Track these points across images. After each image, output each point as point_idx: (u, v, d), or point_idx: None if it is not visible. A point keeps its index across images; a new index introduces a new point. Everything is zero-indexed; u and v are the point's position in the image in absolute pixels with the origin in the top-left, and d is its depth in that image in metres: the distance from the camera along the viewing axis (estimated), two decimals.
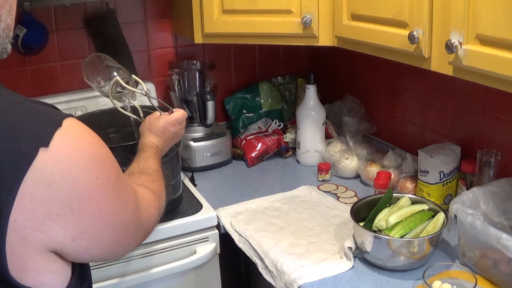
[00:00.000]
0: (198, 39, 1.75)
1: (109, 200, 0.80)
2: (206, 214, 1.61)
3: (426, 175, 1.58)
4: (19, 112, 0.74)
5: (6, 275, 0.72)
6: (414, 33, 1.24)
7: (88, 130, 0.79)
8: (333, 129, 2.06)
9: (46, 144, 0.71)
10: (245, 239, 1.52)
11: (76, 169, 0.74)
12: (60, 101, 1.86)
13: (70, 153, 0.74)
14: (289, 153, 2.11)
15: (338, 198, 1.76)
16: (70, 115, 0.78)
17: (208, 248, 1.59)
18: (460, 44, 1.12)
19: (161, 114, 1.39)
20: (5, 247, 0.70)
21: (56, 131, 0.73)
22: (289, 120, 2.22)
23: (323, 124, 2.00)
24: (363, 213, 1.45)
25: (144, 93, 1.42)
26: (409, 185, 1.69)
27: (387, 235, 1.34)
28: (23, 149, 0.70)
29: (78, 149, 0.75)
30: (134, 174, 1.17)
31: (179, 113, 1.41)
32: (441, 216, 1.38)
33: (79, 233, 0.76)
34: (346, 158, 1.89)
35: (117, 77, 1.43)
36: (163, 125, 1.36)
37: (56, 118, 0.75)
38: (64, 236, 0.74)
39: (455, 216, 1.30)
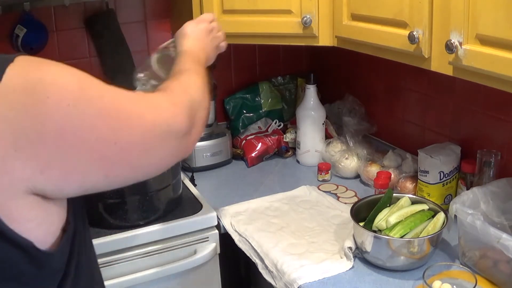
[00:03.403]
0: None
1: (70, 116, 0.69)
2: (206, 214, 1.61)
3: (426, 175, 1.58)
4: None
5: (4, 229, 0.68)
6: (414, 33, 1.24)
7: (43, 59, 0.73)
8: (333, 129, 2.06)
9: None
10: (245, 239, 1.52)
11: (24, 94, 0.67)
12: None
13: (21, 82, 0.67)
14: (289, 153, 2.11)
15: (338, 198, 1.76)
16: (25, 54, 0.72)
17: (208, 248, 1.59)
18: (460, 44, 1.12)
19: None
20: None
21: (7, 66, 0.68)
22: (289, 120, 2.22)
23: (323, 124, 2.00)
24: (363, 213, 1.45)
25: None
26: (409, 185, 1.69)
27: (387, 235, 1.34)
28: None
29: (30, 76, 0.68)
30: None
31: (202, 15, 1.34)
32: (441, 216, 1.38)
33: (45, 162, 0.69)
34: (346, 158, 1.89)
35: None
36: (185, 26, 1.29)
37: (6, 57, 0.70)
38: (30, 171, 0.68)
39: (455, 216, 1.30)
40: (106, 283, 1.45)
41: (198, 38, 1.26)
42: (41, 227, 0.72)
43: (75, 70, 0.73)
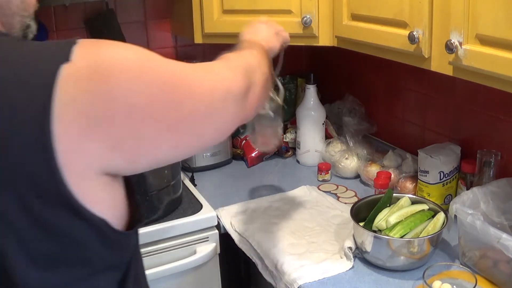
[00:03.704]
0: (198, 39, 1.75)
1: (133, 93, 0.71)
2: (206, 214, 1.61)
3: (426, 175, 1.58)
4: (29, 47, 0.75)
5: (79, 208, 0.69)
6: (414, 33, 1.24)
7: (102, 40, 0.76)
8: (333, 129, 2.06)
9: (67, 59, 0.69)
10: (245, 239, 1.52)
11: (88, 75, 0.69)
12: None
13: (85, 64, 0.70)
14: (289, 153, 2.11)
15: (338, 198, 1.76)
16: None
17: (208, 248, 1.59)
18: (460, 44, 1.12)
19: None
20: (67, 183, 0.67)
21: (73, 46, 0.71)
22: (289, 120, 2.22)
23: (323, 124, 2.00)
24: (363, 213, 1.45)
25: (280, 102, 1.37)
26: (409, 185, 1.69)
27: (387, 235, 1.34)
28: (45, 72, 0.68)
29: (92, 57, 0.71)
30: None
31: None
32: (441, 216, 1.38)
33: (116, 140, 0.70)
34: (346, 158, 1.89)
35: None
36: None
37: (70, 40, 0.73)
38: (103, 151, 0.69)
39: (455, 216, 1.30)
40: None
41: (254, 30, 1.28)
42: (109, 210, 0.73)
43: (134, 47, 0.76)
